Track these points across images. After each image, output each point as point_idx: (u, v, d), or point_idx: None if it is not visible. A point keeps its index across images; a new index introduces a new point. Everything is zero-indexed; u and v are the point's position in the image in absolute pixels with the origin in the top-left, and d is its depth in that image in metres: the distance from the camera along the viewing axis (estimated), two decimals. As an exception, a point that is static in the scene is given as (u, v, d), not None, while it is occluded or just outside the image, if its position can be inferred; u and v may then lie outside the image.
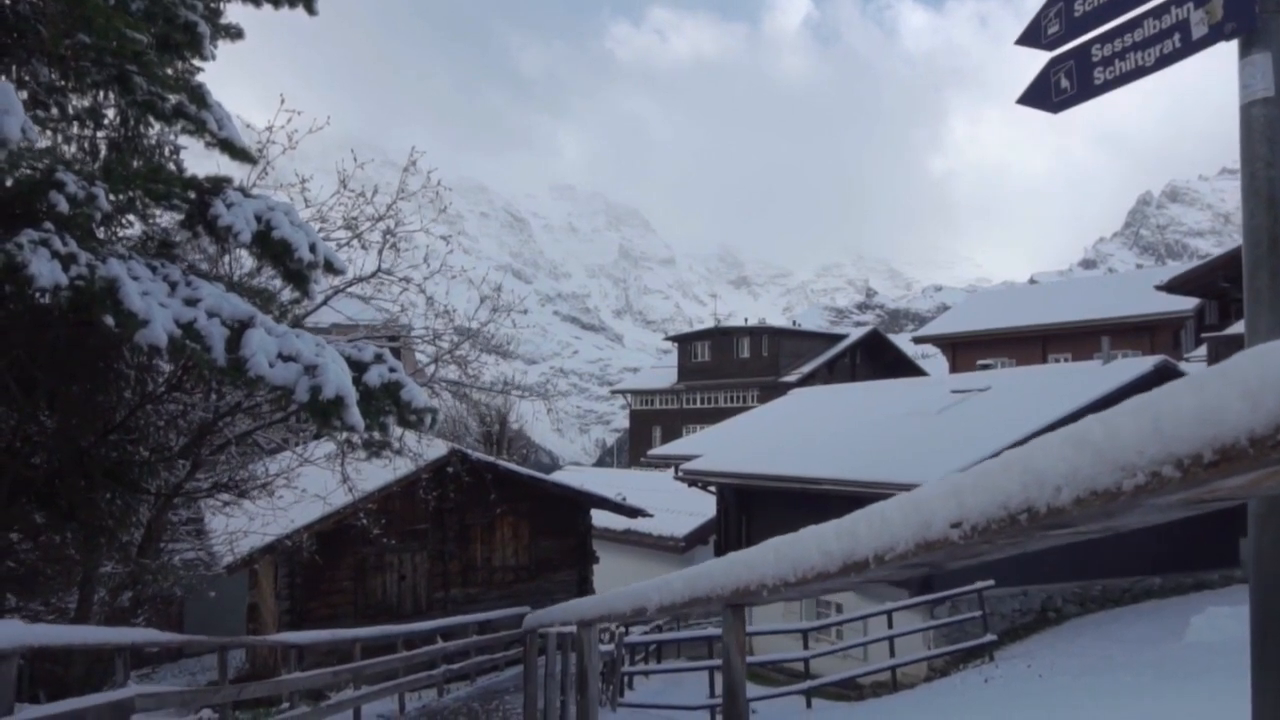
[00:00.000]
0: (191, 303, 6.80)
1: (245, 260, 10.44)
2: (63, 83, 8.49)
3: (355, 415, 6.55)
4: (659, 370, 58.72)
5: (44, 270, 6.05)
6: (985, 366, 32.68)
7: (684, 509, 25.40)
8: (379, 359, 7.68)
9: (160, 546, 11.08)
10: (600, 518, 21.58)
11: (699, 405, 50.50)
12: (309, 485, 12.76)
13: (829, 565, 1.92)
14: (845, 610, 15.15)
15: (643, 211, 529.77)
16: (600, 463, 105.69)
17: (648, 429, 53.33)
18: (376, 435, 7.74)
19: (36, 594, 9.63)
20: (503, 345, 12.69)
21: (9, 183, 7.36)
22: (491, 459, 19.60)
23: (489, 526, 18.95)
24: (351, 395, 6.56)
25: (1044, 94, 2.48)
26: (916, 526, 1.60)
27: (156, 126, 9.16)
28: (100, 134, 9.30)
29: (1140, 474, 1.13)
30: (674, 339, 55.05)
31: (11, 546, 8.84)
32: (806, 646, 12.94)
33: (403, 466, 13.79)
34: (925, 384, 25.47)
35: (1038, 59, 2.69)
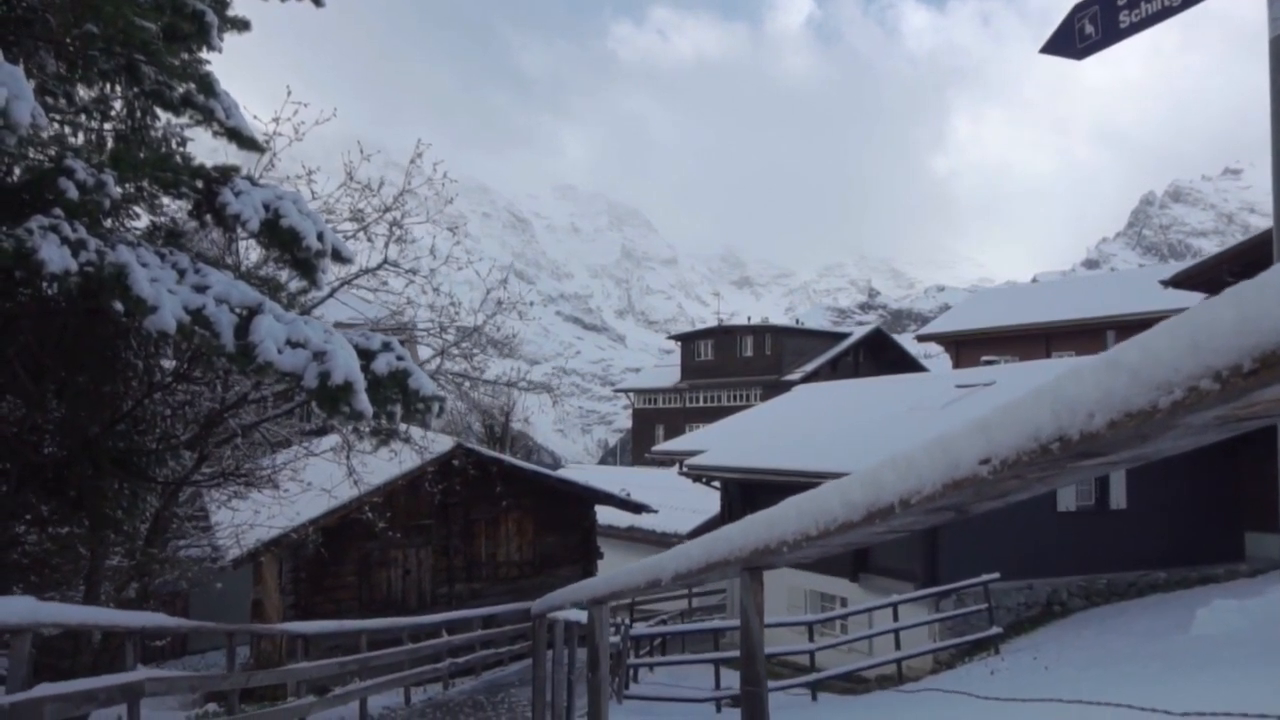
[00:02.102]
0: (200, 289, 6.81)
1: (252, 254, 10.48)
2: (68, 74, 8.50)
3: (364, 401, 6.55)
4: (662, 369, 58.74)
5: (54, 256, 6.06)
6: (989, 363, 32.63)
7: (687, 506, 25.39)
8: (386, 347, 7.69)
9: (167, 539, 11.10)
10: (603, 515, 21.59)
11: (702, 404, 50.50)
12: (314, 479, 12.78)
13: (852, 515, 1.92)
14: (850, 604, 15.14)
15: (645, 211, 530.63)
16: (602, 462, 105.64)
17: (651, 428, 53.34)
18: (384, 424, 7.74)
19: (44, 586, 9.64)
20: (509, 339, 12.71)
21: (18, 170, 7.39)
22: (496, 454, 19.62)
23: (493, 522, 18.96)
24: (360, 381, 6.56)
25: (1068, 41, 2.47)
26: (944, 467, 1.59)
27: (163, 119, 9.18)
28: (107, 126, 9.31)
29: (1177, 390, 1.12)
30: (677, 338, 55.06)
31: (17, 539, 8.85)
32: (812, 640, 12.95)
33: (408, 460, 13.81)
34: (930, 379, 25.45)
35: (1038, 56, 2.66)
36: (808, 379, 43.19)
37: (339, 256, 8.04)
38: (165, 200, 8.28)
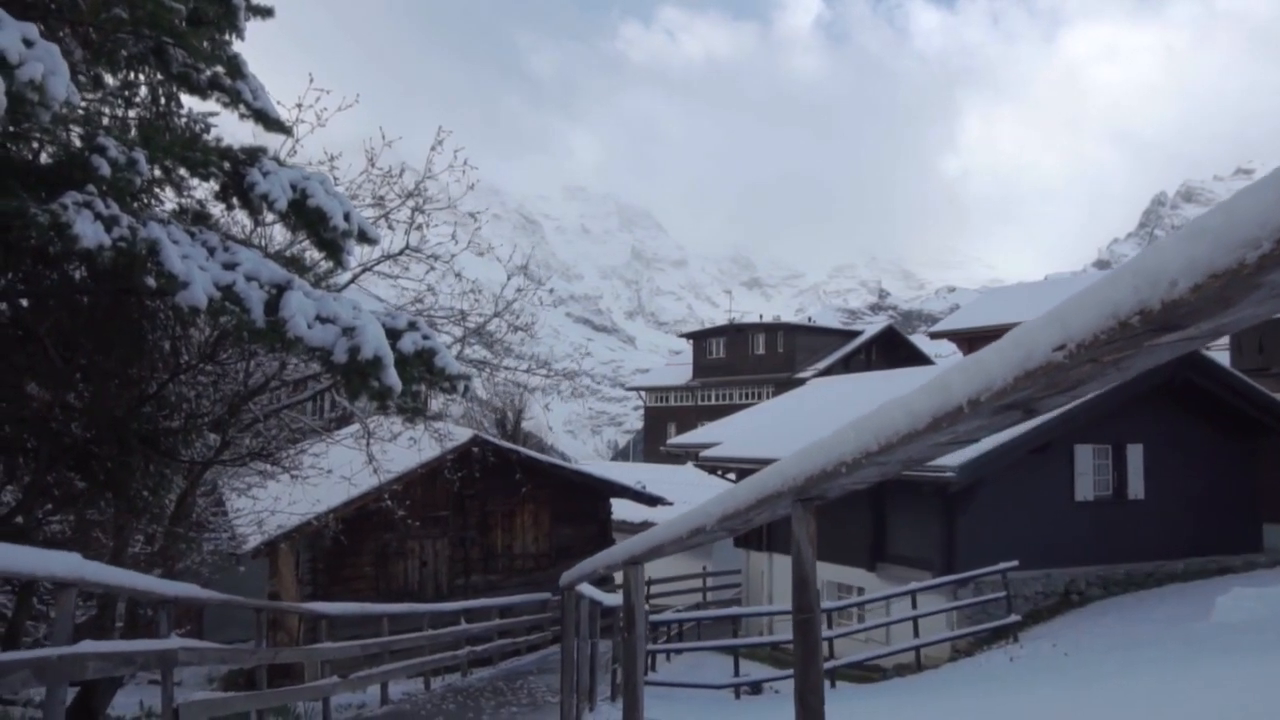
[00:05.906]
0: (230, 266, 6.88)
1: (276, 238, 10.54)
2: (95, 59, 8.58)
3: (393, 376, 6.61)
4: (674, 367, 58.78)
5: (88, 231, 6.14)
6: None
7: (701, 501, 25.40)
8: (412, 327, 7.75)
9: (189, 524, 11.19)
10: (618, 510, 21.61)
11: (714, 402, 50.53)
12: (334, 467, 12.85)
13: (916, 424, 1.94)
14: (867, 593, 15.15)
15: (655, 213, 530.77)
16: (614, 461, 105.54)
17: (662, 426, 53.37)
18: (410, 402, 7.80)
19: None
20: (527, 325, 12.78)
21: (50, 149, 7.47)
22: (513, 445, 19.70)
23: (509, 514, 19.04)
24: (389, 356, 6.63)
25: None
26: (1016, 360, 1.61)
27: (187, 106, 9.25)
28: (131, 112, 9.39)
29: (1265, 243, 1.15)
30: (689, 336, 55.14)
31: (39, 523, 8.92)
32: (830, 627, 12.96)
33: (428, 449, 13.87)
34: (943, 375, 25.42)
35: (1049, 56, 2.64)
36: (820, 377, 43.19)
37: (364, 238, 8.11)
38: (193, 182, 8.36)
